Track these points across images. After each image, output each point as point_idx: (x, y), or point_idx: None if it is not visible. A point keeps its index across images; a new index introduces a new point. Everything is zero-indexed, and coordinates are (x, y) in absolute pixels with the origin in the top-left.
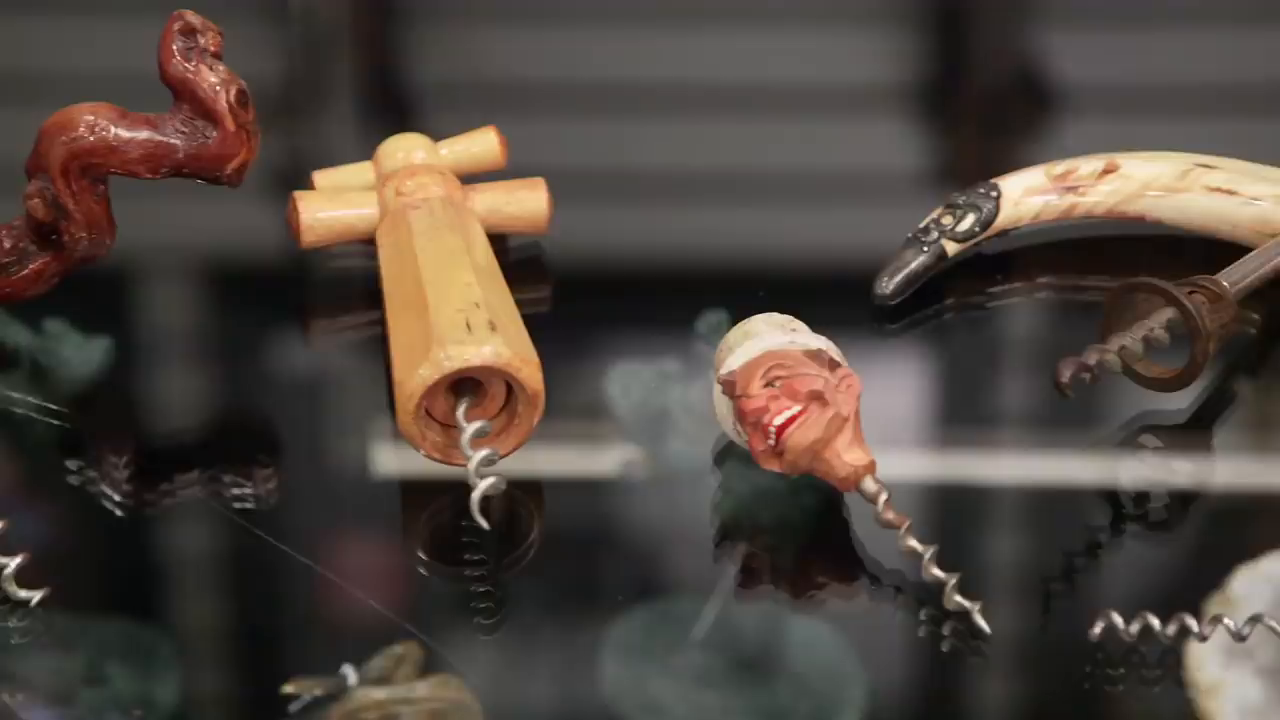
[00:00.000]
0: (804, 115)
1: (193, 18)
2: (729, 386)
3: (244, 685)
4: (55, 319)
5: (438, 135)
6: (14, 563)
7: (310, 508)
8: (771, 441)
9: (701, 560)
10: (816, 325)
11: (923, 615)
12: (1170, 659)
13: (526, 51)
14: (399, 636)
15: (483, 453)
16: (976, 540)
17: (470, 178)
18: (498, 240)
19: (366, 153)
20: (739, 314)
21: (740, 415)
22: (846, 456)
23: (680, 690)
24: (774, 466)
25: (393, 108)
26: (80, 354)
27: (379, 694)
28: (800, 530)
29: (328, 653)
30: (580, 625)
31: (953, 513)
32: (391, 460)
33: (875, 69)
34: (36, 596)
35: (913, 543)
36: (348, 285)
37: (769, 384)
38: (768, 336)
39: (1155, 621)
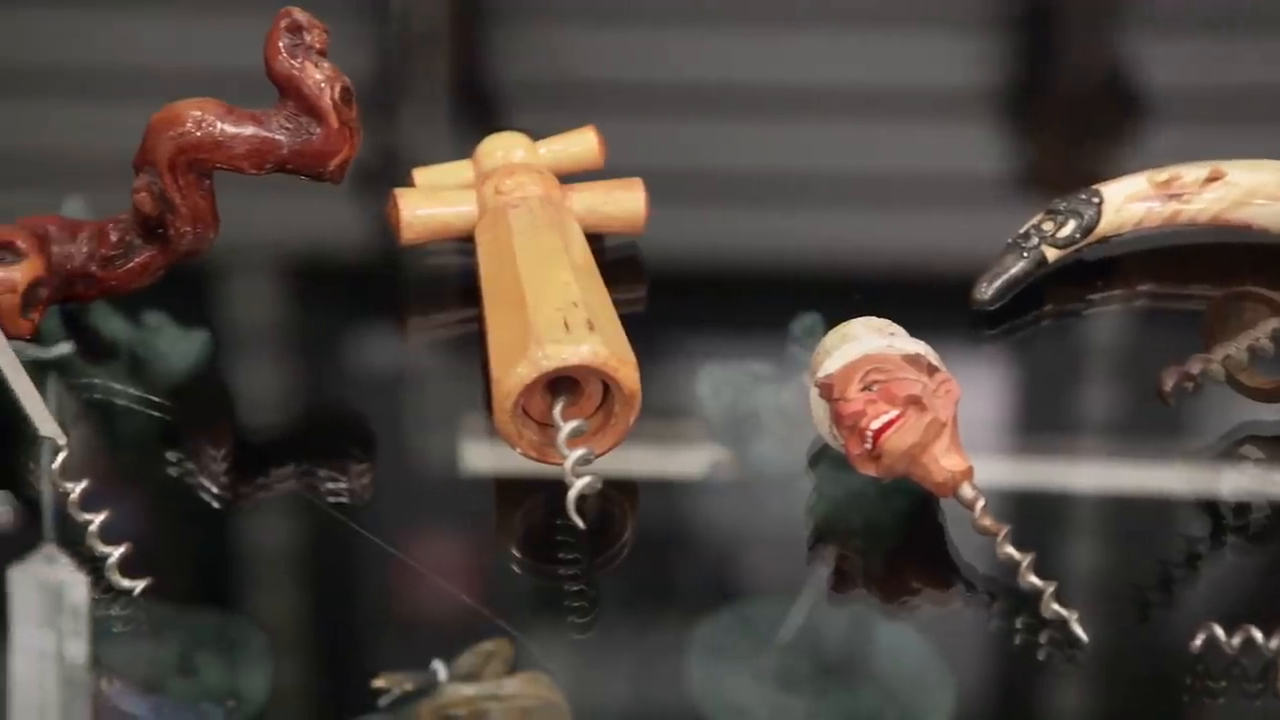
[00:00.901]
0: (897, 118)
1: (299, 15)
2: (826, 389)
3: (335, 679)
4: (154, 312)
5: (534, 135)
6: (117, 552)
7: (404, 504)
8: (868, 445)
9: (791, 563)
10: (912, 330)
11: (1018, 623)
12: (1272, 672)
13: (621, 51)
14: (489, 633)
15: (579, 452)
16: (1073, 549)
17: (568, 177)
18: (593, 240)
19: (456, 151)
20: (832, 317)
21: (837, 418)
22: (944, 462)
23: (765, 693)
24: (870, 471)
25: (485, 107)
26: (178, 347)
27: (468, 690)
28: (891, 534)
29: (418, 648)
30: (668, 625)
31: (1048, 521)
32: (487, 458)
33: (967, 72)
34: (139, 586)
35: (1010, 550)
36: (444, 282)
37: (866, 388)
38: (866, 340)
39: (1258, 634)
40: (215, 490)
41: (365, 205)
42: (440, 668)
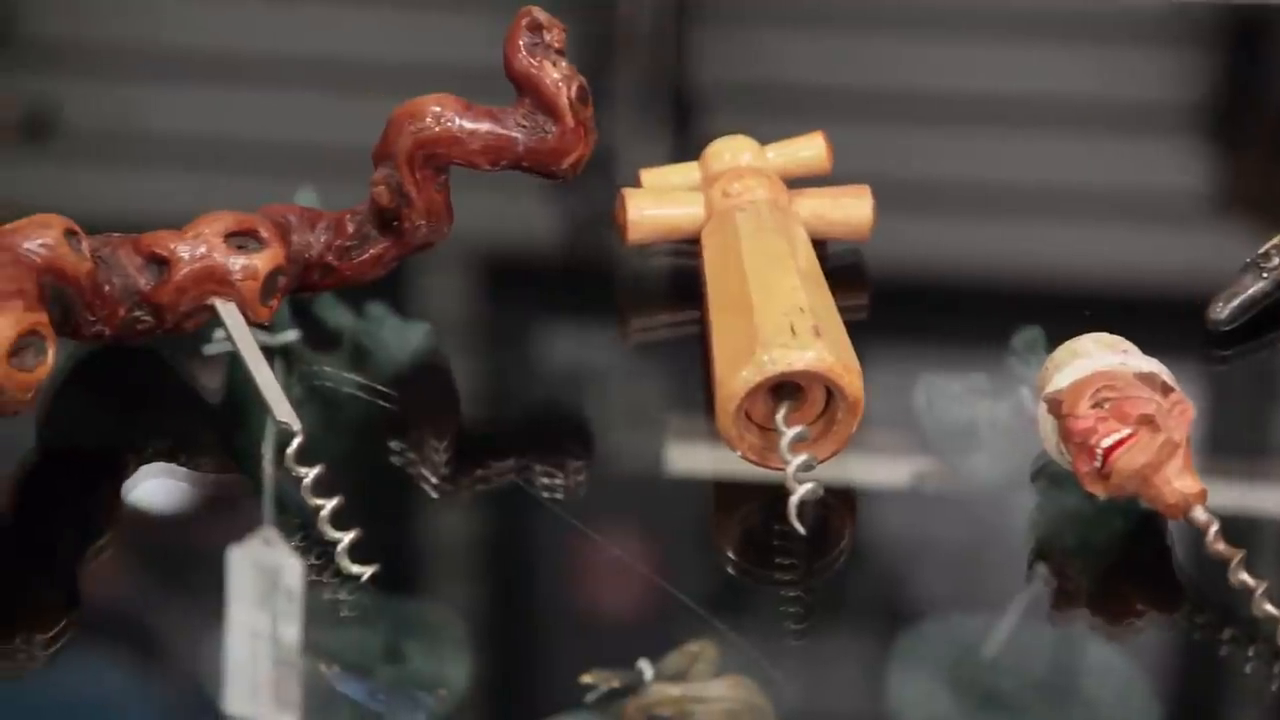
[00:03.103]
0: (1126, 132)
1: (540, 14)
2: (1055, 405)
3: (542, 672)
4: (376, 303)
5: (760, 139)
6: (348, 538)
7: (621, 502)
8: (1098, 464)
9: (1005, 577)
10: (1142, 349)
11: (1251, 652)
12: None
13: (850, 57)
14: (697, 634)
15: (801, 458)
16: None
17: (795, 182)
18: (817, 246)
19: (676, 153)
20: (1054, 332)
21: (1066, 435)
22: (1176, 484)
23: (969, 708)
24: (1098, 490)
25: (706, 109)
26: (399, 337)
27: (674, 690)
28: (1109, 554)
29: (626, 646)
30: (877, 635)
31: None
32: (706, 460)
33: (1194, 87)
34: (367, 572)
35: (1244, 576)
36: (664, 282)
37: (1097, 405)
38: (1097, 356)
39: None
40: (433, 480)
41: (579, 203)
42: (647, 667)
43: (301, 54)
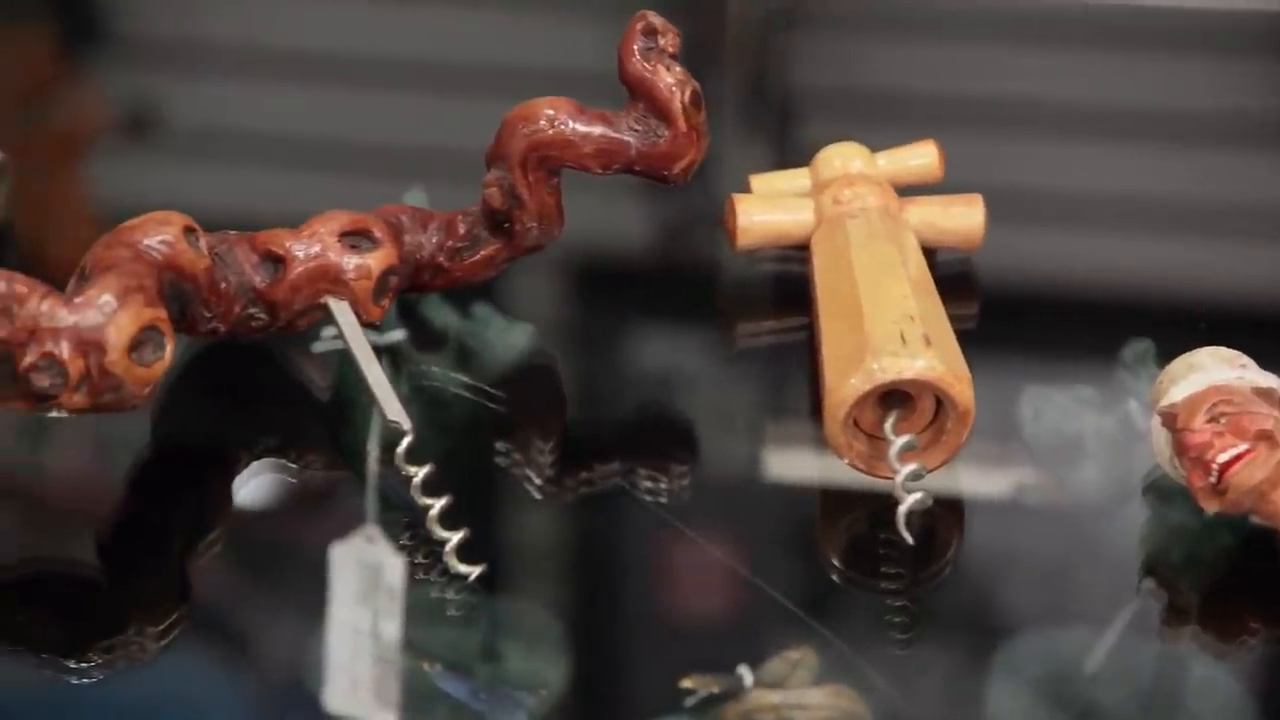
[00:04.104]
0: (1242, 146)
1: (654, 19)
2: (1170, 419)
3: (642, 675)
4: (483, 303)
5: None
6: (456, 538)
7: (726, 507)
8: (1213, 479)
9: (1110, 591)
10: (1258, 363)
11: None
12: None
13: (963, 66)
14: (797, 641)
15: (910, 467)
16: None
17: (905, 190)
18: (926, 254)
19: (782, 159)
20: (1165, 345)
21: (1181, 449)
22: None
23: None
24: (1212, 505)
25: (812, 116)
26: (504, 338)
27: (773, 697)
28: (1218, 570)
29: (726, 651)
30: (980, 647)
31: None
32: (813, 466)
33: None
34: (475, 572)
35: None
36: (770, 288)
37: (1214, 419)
38: (1214, 371)
39: None
40: (537, 481)
41: (685, 207)
42: (746, 672)
43: (413, 56)
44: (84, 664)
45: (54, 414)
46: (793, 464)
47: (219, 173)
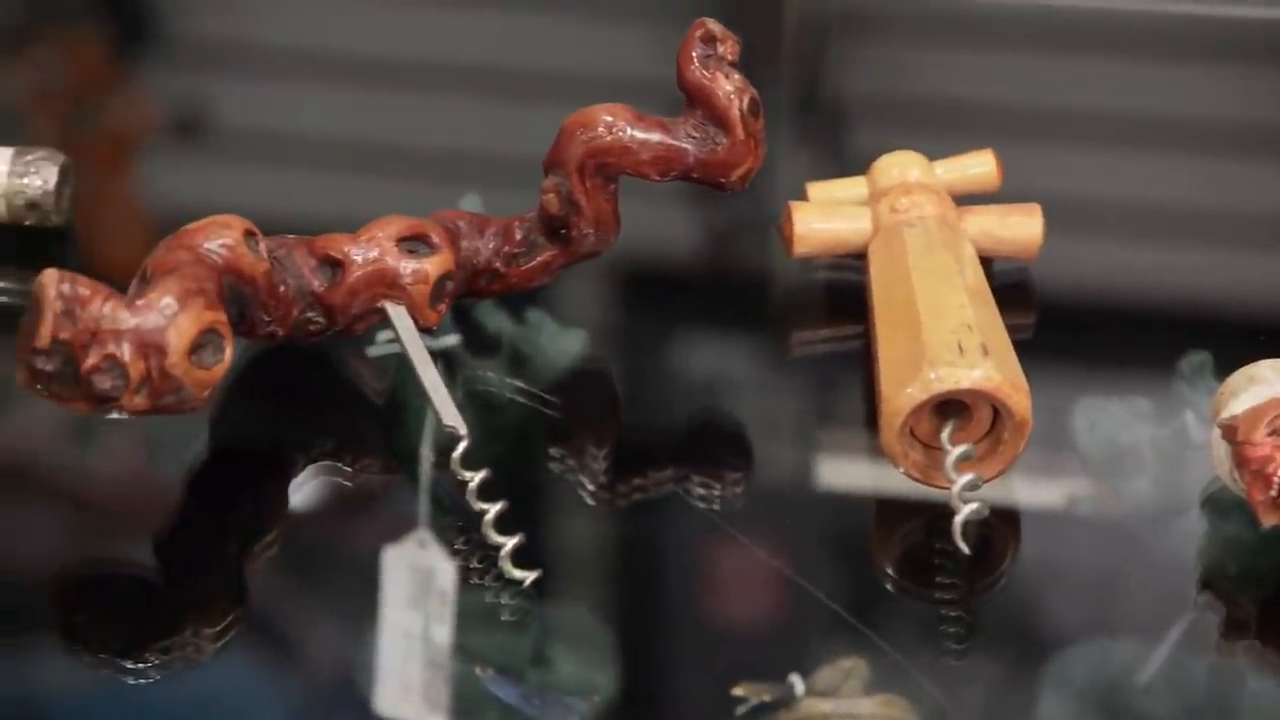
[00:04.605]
0: None
1: (714, 26)
2: (1230, 431)
3: (693, 682)
4: (536, 309)
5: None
6: (511, 543)
7: (780, 515)
8: (1274, 493)
9: (1165, 604)
10: None
11: None
12: None
13: (1021, 75)
14: (849, 650)
15: (967, 477)
16: None
17: (961, 199)
18: (982, 264)
19: (830, 167)
20: (1223, 358)
21: (1241, 462)
22: None
23: None
24: (1273, 519)
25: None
26: (557, 344)
27: (825, 706)
28: (1273, 584)
29: (778, 659)
30: (1035, 658)
31: None
32: (867, 475)
33: None
34: (530, 577)
35: None
36: (824, 296)
37: (1275, 432)
38: (1275, 383)
39: None
40: (590, 486)
41: (739, 214)
42: (798, 681)
43: (468, 61)
44: (141, 664)
45: (114, 416)
46: (847, 472)
47: (273, 176)
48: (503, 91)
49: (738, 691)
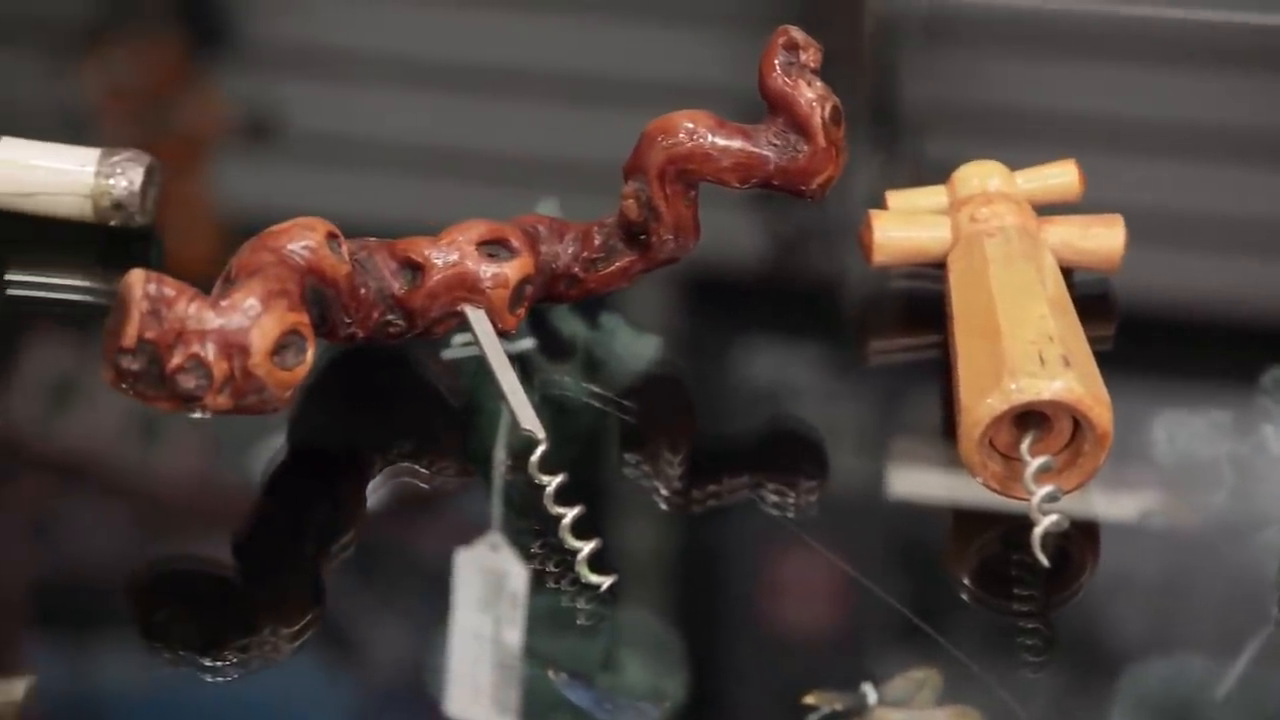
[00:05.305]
0: None
1: (797, 33)
2: None
3: (765, 690)
4: (611, 314)
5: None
6: (588, 548)
7: (857, 524)
8: None
9: (1242, 618)
10: None
11: None
12: None
13: (1101, 85)
14: (922, 660)
15: (1046, 489)
16: None
17: (1042, 209)
18: (1063, 274)
19: (908, 176)
20: None
21: None
22: None
23: None
24: None
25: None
26: (632, 349)
27: (897, 716)
28: None
29: (851, 668)
30: (1112, 672)
31: None
32: (945, 485)
33: None
34: (606, 582)
35: None
36: (903, 305)
37: None
38: None
39: None
40: (664, 492)
41: (817, 222)
42: (870, 690)
43: (547, 67)
44: (220, 663)
45: (197, 415)
46: (924, 482)
47: (352, 179)
48: (583, 97)
49: (809, 700)
